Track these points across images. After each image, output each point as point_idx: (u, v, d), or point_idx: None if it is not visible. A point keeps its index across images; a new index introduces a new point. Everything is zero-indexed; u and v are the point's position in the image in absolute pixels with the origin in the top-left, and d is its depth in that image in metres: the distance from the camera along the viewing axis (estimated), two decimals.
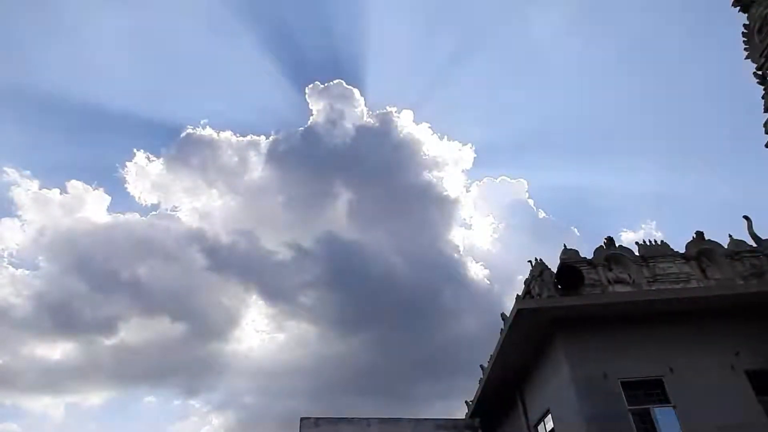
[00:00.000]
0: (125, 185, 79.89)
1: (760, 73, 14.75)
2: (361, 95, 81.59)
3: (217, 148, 68.40)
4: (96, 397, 69.89)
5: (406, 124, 71.60)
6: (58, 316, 58.70)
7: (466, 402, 21.92)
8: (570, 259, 15.51)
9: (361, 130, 64.91)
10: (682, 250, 15.84)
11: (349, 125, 64.20)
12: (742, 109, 65.18)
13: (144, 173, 70.39)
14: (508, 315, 15.41)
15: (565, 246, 15.93)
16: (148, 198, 76.07)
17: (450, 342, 52.24)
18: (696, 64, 68.52)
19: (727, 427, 12.68)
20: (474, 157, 79.16)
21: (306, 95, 79.80)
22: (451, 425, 21.14)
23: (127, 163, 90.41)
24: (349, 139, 63.78)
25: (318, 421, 20.42)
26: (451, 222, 66.77)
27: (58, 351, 65.94)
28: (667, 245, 16.02)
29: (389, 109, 78.07)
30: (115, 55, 74.91)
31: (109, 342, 61.86)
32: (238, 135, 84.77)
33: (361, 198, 61.84)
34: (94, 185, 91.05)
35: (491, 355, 17.17)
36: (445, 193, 67.72)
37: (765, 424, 12.94)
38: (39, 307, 59.41)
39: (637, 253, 15.84)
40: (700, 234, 16.17)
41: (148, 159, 74.49)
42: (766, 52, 14.42)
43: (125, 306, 59.33)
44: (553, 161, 77.39)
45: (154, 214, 74.11)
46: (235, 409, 61.57)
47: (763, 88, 14.61)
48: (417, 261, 56.68)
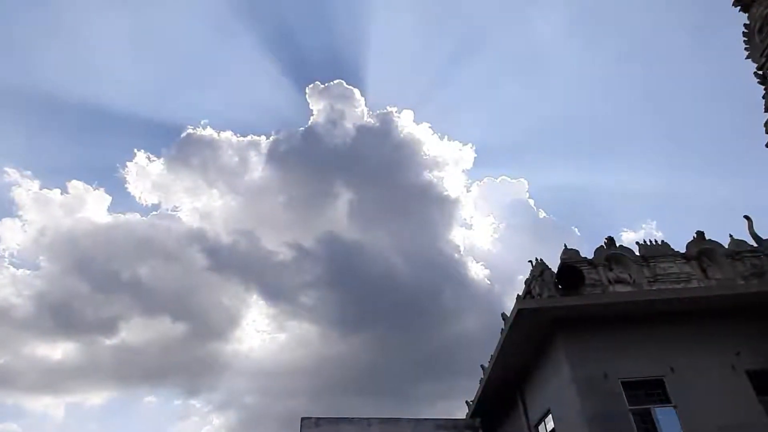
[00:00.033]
0: (126, 185, 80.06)
1: (760, 72, 14.74)
2: (362, 95, 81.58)
3: (218, 148, 68.52)
4: (97, 397, 70.02)
5: (407, 124, 71.71)
6: (59, 316, 58.82)
7: (467, 402, 21.92)
8: (570, 259, 15.50)
9: (362, 130, 65.00)
10: (682, 250, 15.84)
11: (349, 125, 64.29)
12: (742, 108, 65.16)
13: (144, 173, 70.48)
14: (508, 315, 15.41)
15: (565, 246, 15.94)
16: (149, 198, 76.14)
17: (450, 342, 52.28)
18: (696, 64, 68.59)
19: (727, 427, 12.67)
20: (474, 157, 79.28)
21: (306, 95, 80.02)
22: (452, 425, 21.14)
23: (128, 163, 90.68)
24: (350, 139, 63.87)
25: (319, 421, 20.42)
26: (452, 222, 66.74)
27: (58, 351, 66.07)
28: (668, 245, 16.02)
29: (390, 109, 78.25)
30: (115, 55, 75.10)
31: (109, 342, 61.98)
32: (238, 135, 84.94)
33: (362, 198, 61.84)
34: (94, 185, 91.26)
35: (492, 355, 17.17)
36: (446, 193, 67.74)
37: (766, 424, 12.93)
38: (40, 307, 59.52)
39: (637, 253, 15.84)
40: (700, 234, 16.16)
41: (149, 159, 74.48)
42: (766, 51, 14.41)
43: (126, 306, 59.45)
44: (553, 161, 77.49)
45: (155, 214, 74.19)
46: (235, 409, 61.64)
47: (763, 87, 14.60)
48: (417, 261, 56.69)
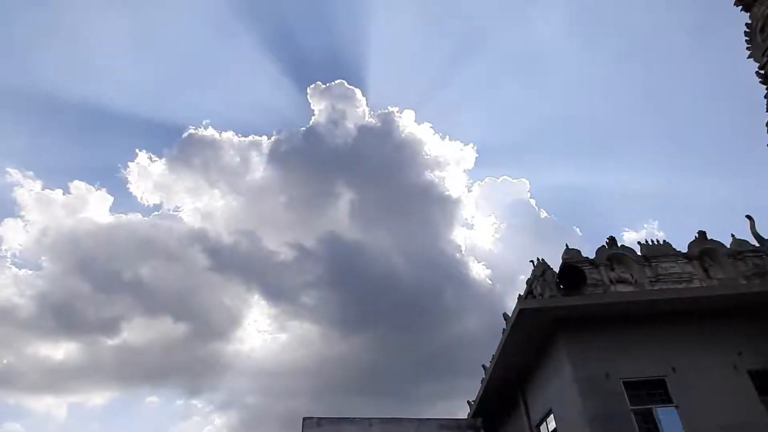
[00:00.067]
0: (127, 185, 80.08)
1: (762, 72, 14.71)
2: (363, 95, 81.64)
3: (219, 149, 68.63)
4: (98, 397, 70.20)
5: (408, 124, 71.79)
6: (61, 316, 59.00)
7: (468, 402, 21.91)
8: (572, 258, 15.49)
9: (363, 130, 65.06)
10: (684, 250, 15.83)
11: (350, 125, 64.35)
12: (742, 108, 65.08)
13: (146, 173, 70.65)
14: (510, 315, 15.40)
15: (567, 246, 15.93)
16: (151, 198, 76.21)
17: (452, 342, 52.31)
18: (696, 64, 68.50)
19: (729, 427, 12.65)
20: (476, 157, 79.42)
21: (308, 95, 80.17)
22: (454, 425, 21.14)
23: (130, 164, 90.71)
24: (351, 139, 63.93)
25: (320, 421, 20.45)
26: (453, 222, 66.66)
27: (61, 351, 66.25)
28: (670, 245, 16.00)
29: (391, 109, 78.48)
30: (116, 56, 75.18)
31: (111, 342, 62.15)
32: (239, 135, 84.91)
33: (363, 198, 61.93)
34: (96, 185, 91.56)
35: (493, 355, 17.17)
36: (447, 193, 67.75)
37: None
38: (42, 307, 59.70)
39: (639, 253, 15.83)
40: (702, 234, 16.15)
41: (151, 159, 74.60)
42: None
43: (128, 306, 59.59)
44: (554, 161, 77.46)
45: (157, 214, 74.46)
46: (237, 409, 61.73)
47: (765, 87, 14.56)
48: (419, 261, 56.73)
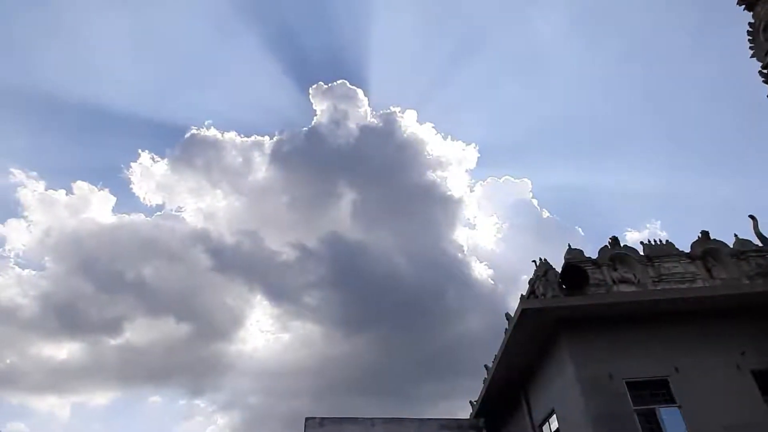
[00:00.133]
0: (130, 186, 79.98)
1: (765, 71, 14.70)
2: (365, 95, 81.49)
3: (222, 149, 68.57)
4: (101, 397, 70.16)
5: (410, 124, 71.83)
6: (64, 317, 59.07)
7: (471, 402, 21.91)
8: (574, 258, 15.48)
9: (365, 130, 65.07)
10: (687, 250, 15.81)
11: (352, 125, 64.34)
12: (743, 108, 64.91)
13: (149, 174, 70.64)
14: (512, 315, 15.39)
15: (569, 246, 15.94)
16: (153, 198, 76.16)
17: (454, 342, 52.30)
18: (700, 63, 68.32)
19: (732, 427, 12.63)
20: (478, 157, 79.18)
21: (310, 95, 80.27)
22: (456, 425, 21.10)
23: (132, 164, 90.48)
24: (353, 139, 63.94)
25: (322, 421, 20.44)
26: (455, 222, 66.57)
27: (64, 351, 66.29)
28: (672, 245, 15.98)
29: (393, 109, 78.57)
30: (117, 56, 75.25)
31: (114, 342, 62.19)
32: (242, 135, 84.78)
33: (365, 198, 61.96)
34: (99, 186, 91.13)
35: (496, 355, 17.16)
36: (449, 193, 67.72)
37: None
38: (45, 307, 59.77)
39: (642, 253, 15.80)
40: (705, 233, 16.12)
41: (153, 160, 74.48)
42: None
43: (130, 306, 59.60)
44: (556, 161, 77.38)
45: (159, 214, 74.42)
46: (240, 409, 61.73)
47: None
48: (421, 261, 56.74)
